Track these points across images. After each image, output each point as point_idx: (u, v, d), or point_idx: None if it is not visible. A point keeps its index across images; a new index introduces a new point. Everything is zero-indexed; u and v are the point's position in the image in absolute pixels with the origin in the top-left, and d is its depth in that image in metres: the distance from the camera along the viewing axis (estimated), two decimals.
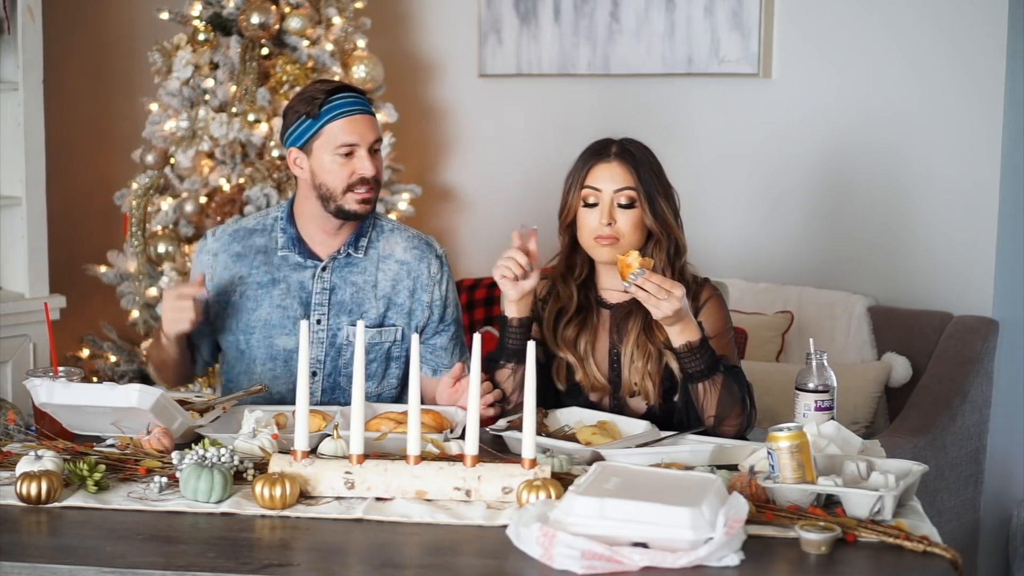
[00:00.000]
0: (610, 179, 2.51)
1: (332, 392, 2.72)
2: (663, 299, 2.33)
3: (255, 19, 3.96)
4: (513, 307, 2.50)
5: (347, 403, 2.63)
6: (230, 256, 2.74)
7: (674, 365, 2.49)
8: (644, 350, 2.52)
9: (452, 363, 2.72)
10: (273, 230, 2.75)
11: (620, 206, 2.50)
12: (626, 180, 2.50)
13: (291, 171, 2.73)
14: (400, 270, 2.74)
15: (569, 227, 2.57)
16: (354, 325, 2.61)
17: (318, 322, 2.69)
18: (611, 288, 2.58)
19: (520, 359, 2.46)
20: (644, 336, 2.52)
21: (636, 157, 2.53)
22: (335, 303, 2.70)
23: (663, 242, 2.52)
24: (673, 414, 2.53)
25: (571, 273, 2.60)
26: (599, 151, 2.55)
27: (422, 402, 2.09)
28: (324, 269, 2.71)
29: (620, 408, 2.54)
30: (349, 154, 2.63)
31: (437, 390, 2.63)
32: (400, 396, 2.77)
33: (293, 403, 2.05)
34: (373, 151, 2.67)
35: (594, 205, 2.51)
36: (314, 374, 2.71)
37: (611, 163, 2.52)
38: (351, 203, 2.64)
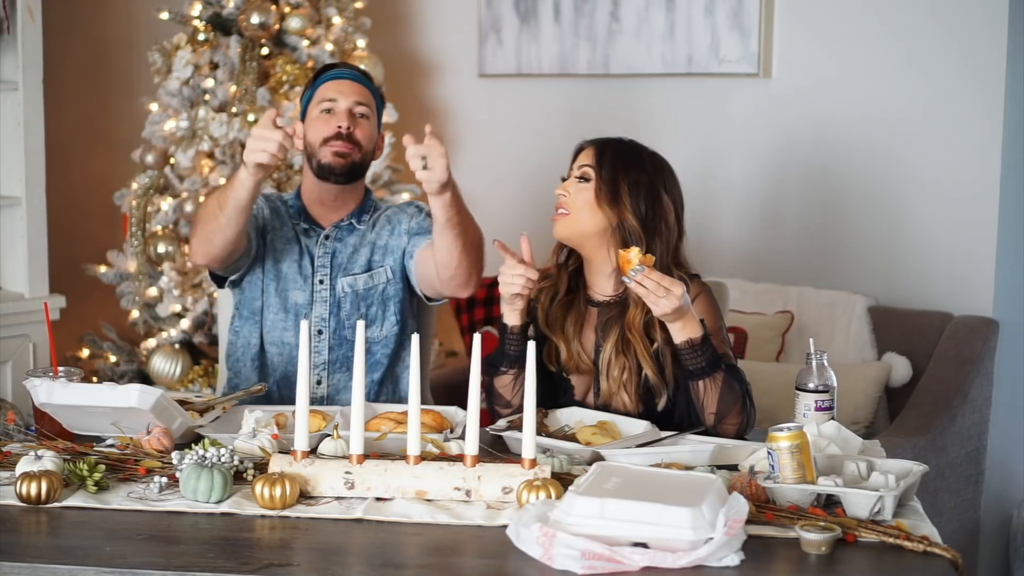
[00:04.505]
0: (581, 159, 2.60)
1: (339, 348, 2.81)
2: (662, 296, 2.34)
3: (255, 19, 3.96)
4: (512, 314, 2.52)
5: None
6: (268, 206, 2.88)
7: (650, 375, 2.50)
8: (620, 361, 2.52)
9: None
10: (285, 205, 2.91)
11: (577, 179, 2.57)
12: (589, 159, 2.57)
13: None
14: (386, 222, 2.89)
15: None
16: (349, 276, 2.81)
17: (320, 282, 2.82)
18: (598, 288, 2.61)
19: (521, 365, 2.49)
20: (621, 346, 2.52)
21: (609, 147, 2.58)
22: (336, 264, 2.84)
23: (618, 233, 2.52)
24: (652, 417, 2.52)
25: (566, 261, 2.65)
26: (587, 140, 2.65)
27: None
28: (328, 237, 2.85)
29: (605, 407, 2.54)
30: (330, 110, 2.78)
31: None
32: (401, 336, 2.84)
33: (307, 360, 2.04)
34: (357, 114, 2.79)
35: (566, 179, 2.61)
36: (320, 332, 2.81)
37: (585, 148, 2.61)
38: (326, 155, 2.77)
